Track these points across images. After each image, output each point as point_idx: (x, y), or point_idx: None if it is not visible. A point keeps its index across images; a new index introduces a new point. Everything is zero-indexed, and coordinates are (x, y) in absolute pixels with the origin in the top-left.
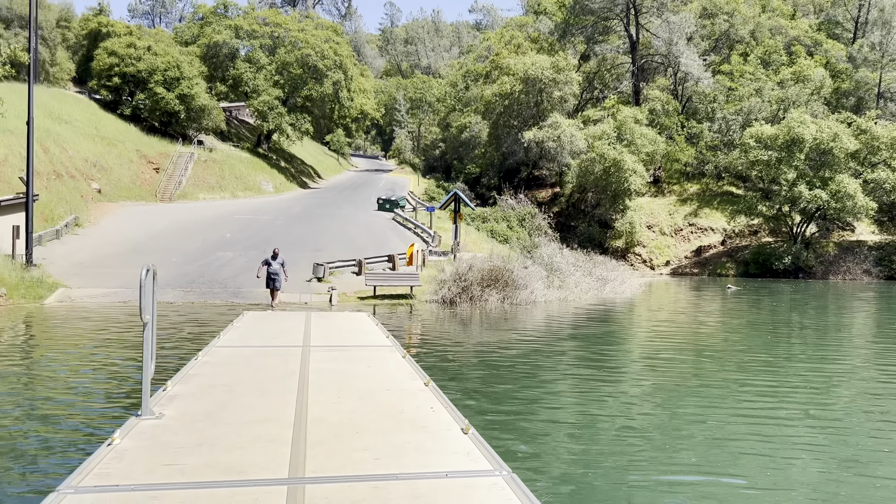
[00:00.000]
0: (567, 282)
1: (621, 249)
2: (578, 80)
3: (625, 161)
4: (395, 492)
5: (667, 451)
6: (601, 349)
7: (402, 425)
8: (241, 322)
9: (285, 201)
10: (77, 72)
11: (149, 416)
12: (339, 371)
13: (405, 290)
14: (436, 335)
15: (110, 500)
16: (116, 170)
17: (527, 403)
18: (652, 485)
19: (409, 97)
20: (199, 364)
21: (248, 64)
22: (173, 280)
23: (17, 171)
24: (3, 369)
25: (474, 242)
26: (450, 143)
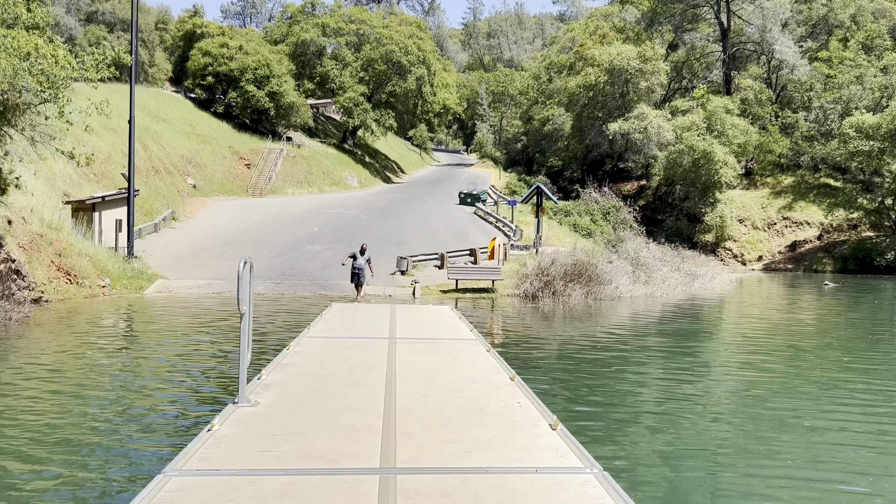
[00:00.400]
0: (654, 277)
1: (711, 244)
2: (666, 69)
3: (715, 152)
4: (485, 485)
5: (760, 451)
6: (689, 345)
7: (490, 419)
8: (329, 314)
9: (370, 196)
10: (174, 72)
11: (245, 403)
12: (425, 363)
13: (487, 284)
14: (518, 329)
15: (212, 483)
16: (210, 166)
17: (612, 399)
18: (744, 485)
19: (491, 91)
20: (291, 354)
21: (334, 61)
22: (264, 272)
23: (119, 168)
24: (109, 356)
25: (557, 236)
26: (532, 136)
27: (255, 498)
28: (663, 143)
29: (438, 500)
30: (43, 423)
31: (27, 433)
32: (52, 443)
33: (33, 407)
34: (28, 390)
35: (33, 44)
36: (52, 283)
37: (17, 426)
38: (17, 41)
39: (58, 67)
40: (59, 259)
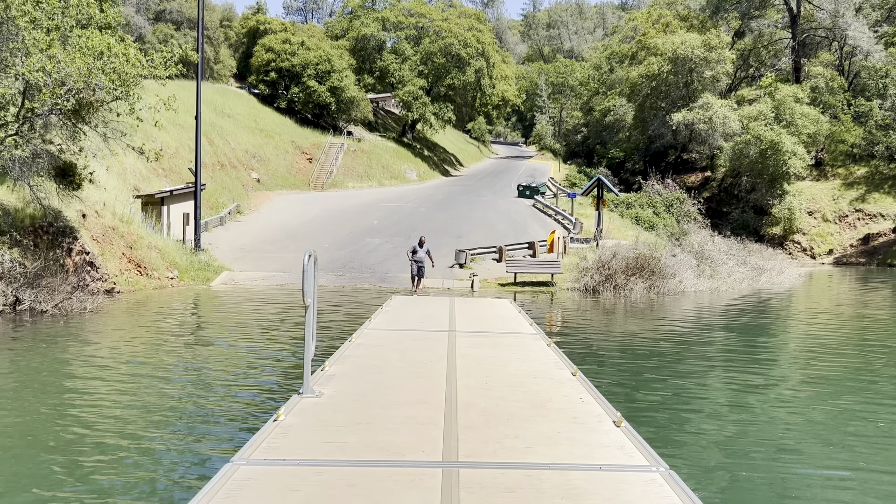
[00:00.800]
0: (719, 271)
1: (778, 237)
2: (732, 58)
3: (783, 143)
4: (548, 481)
5: (829, 449)
6: (756, 340)
7: (552, 415)
8: (389, 306)
9: (428, 189)
10: (238, 68)
11: (310, 394)
12: (485, 357)
13: (546, 278)
14: (579, 324)
15: (279, 472)
16: (273, 160)
17: (676, 396)
18: (813, 484)
19: (550, 82)
20: (353, 346)
21: (393, 55)
22: (325, 265)
23: (186, 163)
24: (178, 346)
25: (618, 229)
26: (592, 127)
27: (321, 488)
28: (729, 133)
29: (501, 495)
30: (117, 410)
31: (102, 420)
32: (125, 430)
33: (107, 395)
34: (102, 379)
35: (106, 43)
36: (124, 275)
37: (94, 412)
38: (90, 41)
39: (129, 66)
40: (129, 251)
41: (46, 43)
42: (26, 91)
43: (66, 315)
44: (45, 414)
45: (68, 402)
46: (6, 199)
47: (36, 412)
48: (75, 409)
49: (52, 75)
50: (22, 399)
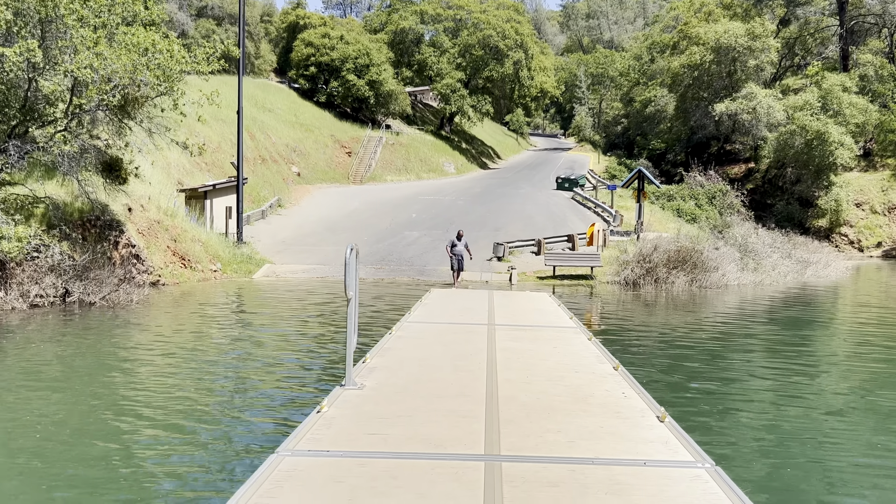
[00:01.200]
0: (763, 264)
1: (825, 229)
2: (777, 46)
3: (830, 133)
4: (592, 476)
5: (874, 444)
6: (801, 334)
7: (594, 409)
8: (428, 299)
9: (466, 182)
10: (278, 62)
11: (352, 386)
12: (525, 350)
13: (585, 271)
14: (620, 318)
15: (322, 464)
16: (313, 154)
17: (721, 391)
18: (858, 478)
19: (589, 73)
20: (394, 338)
21: (432, 48)
22: (364, 258)
23: (228, 157)
24: (222, 338)
25: (659, 222)
26: (633, 118)
27: (365, 479)
28: (773, 123)
29: (545, 490)
30: (163, 400)
31: (150, 409)
32: (171, 419)
33: (154, 386)
34: (149, 369)
35: (150, 40)
36: (168, 267)
37: (142, 402)
38: (136, 37)
39: (172, 61)
40: (174, 244)
41: (93, 40)
42: (74, 88)
43: (114, 307)
44: (95, 403)
45: (117, 391)
46: (56, 194)
47: (85, 401)
48: (123, 398)
49: (98, 72)
50: (72, 388)
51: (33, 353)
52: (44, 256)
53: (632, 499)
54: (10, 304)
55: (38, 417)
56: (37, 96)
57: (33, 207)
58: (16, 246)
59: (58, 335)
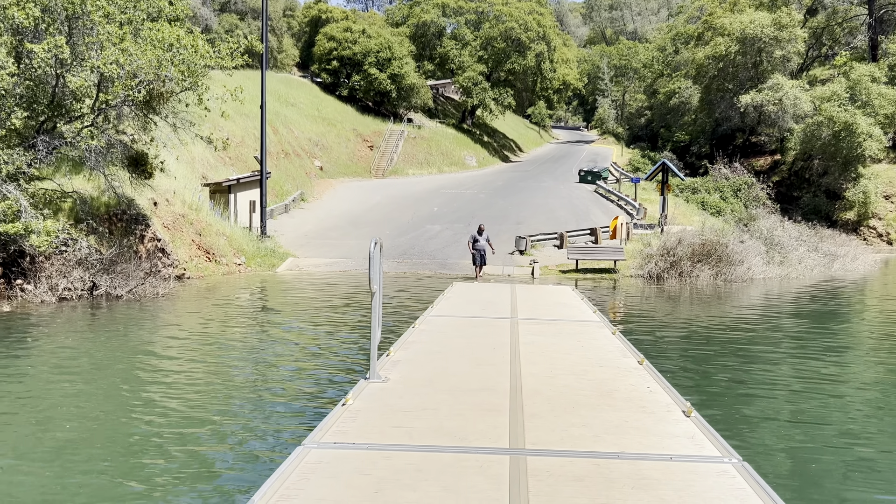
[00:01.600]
0: (789, 257)
1: (852, 222)
2: (804, 36)
3: (858, 124)
4: (617, 471)
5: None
6: (828, 328)
7: (619, 404)
8: (451, 292)
9: (488, 175)
10: (300, 57)
11: (376, 379)
12: (548, 344)
13: (608, 265)
14: (644, 311)
15: (349, 456)
16: (335, 148)
17: (747, 385)
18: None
19: (612, 65)
20: (417, 332)
21: (453, 41)
22: (387, 251)
23: (252, 152)
24: (246, 332)
25: (683, 215)
26: (656, 110)
27: (390, 472)
28: (800, 115)
29: (570, 484)
30: (189, 393)
31: (176, 401)
32: (197, 411)
33: (180, 378)
34: (175, 362)
35: (175, 35)
36: (193, 261)
37: (168, 394)
38: (161, 33)
39: (196, 57)
40: (198, 238)
41: (119, 36)
42: (101, 83)
43: (140, 300)
44: (122, 394)
45: (144, 383)
46: (83, 188)
47: (113, 392)
48: (150, 390)
49: (124, 68)
50: (100, 379)
51: (63, 346)
52: (72, 250)
53: (658, 493)
54: (39, 297)
55: (67, 408)
56: (64, 92)
57: (61, 202)
58: (45, 240)
59: (86, 328)
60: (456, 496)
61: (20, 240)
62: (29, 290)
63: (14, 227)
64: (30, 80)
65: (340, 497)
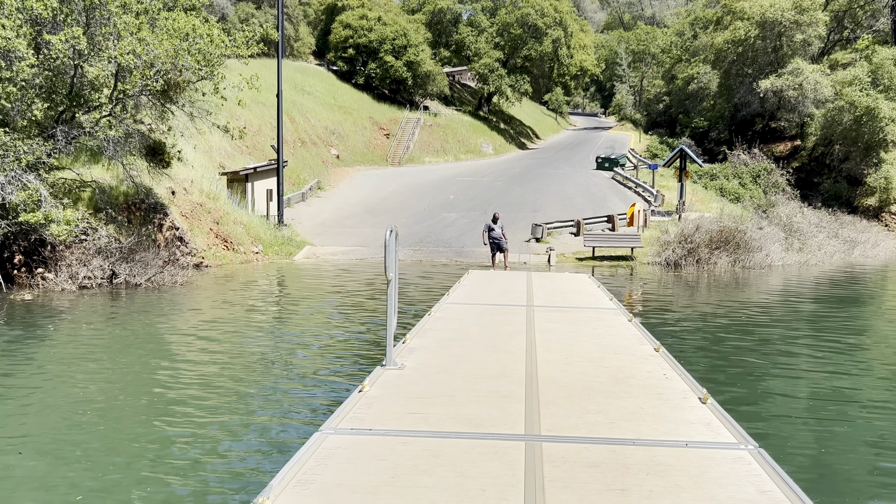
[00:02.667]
0: (808, 244)
1: (874, 208)
2: (825, 20)
3: (880, 108)
4: (633, 457)
5: None
6: (847, 315)
7: (635, 391)
8: (467, 280)
9: (504, 163)
10: (317, 45)
11: (392, 366)
12: (564, 332)
13: (625, 252)
14: (660, 299)
15: (365, 442)
16: (352, 136)
17: (764, 372)
18: None
19: (630, 50)
20: (433, 319)
21: (469, 28)
22: (403, 239)
23: (269, 140)
24: (264, 319)
25: (701, 201)
26: (675, 95)
27: (406, 458)
28: (820, 100)
29: (586, 470)
30: (208, 379)
31: (195, 388)
32: (216, 398)
33: (199, 365)
34: (194, 349)
35: (191, 24)
36: (211, 250)
37: (187, 381)
38: (177, 22)
39: (213, 46)
40: (216, 227)
41: (136, 26)
42: (118, 73)
43: (159, 288)
44: (142, 381)
45: (163, 369)
46: (102, 178)
47: (132, 378)
48: (168, 376)
49: (141, 57)
50: (121, 367)
51: (85, 332)
52: (91, 239)
53: (673, 479)
54: (59, 285)
55: (87, 392)
56: (82, 82)
57: (80, 191)
58: (65, 229)
59: (106, 316)
60: (472, 482)
61: (40, 229)
62: (49, 279)
63: (34, 217)
64: (49, 70)
65: (357, 482)
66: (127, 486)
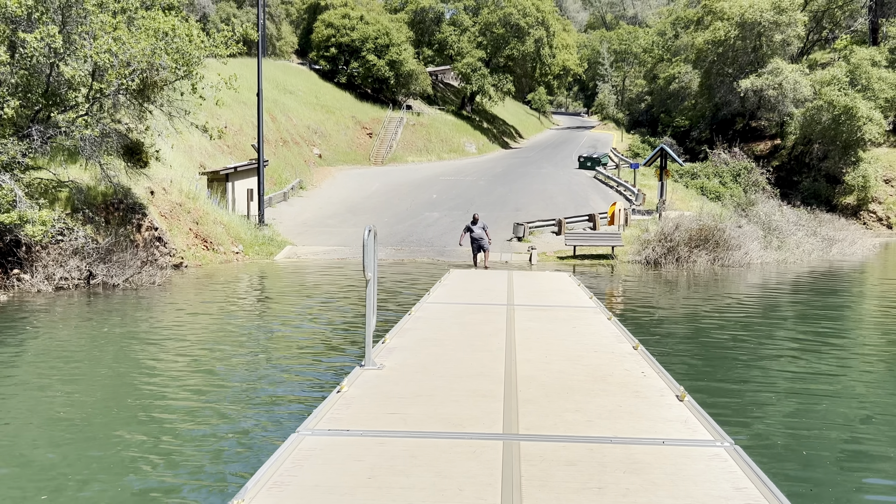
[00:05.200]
0: (787, 242)
1: (852, 207)
2: (804, 20)
3: (858, 108)
4: (610, 455)
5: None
6: (823, 313)
7: (613, 388)
8: (448, 279)
9: (487, 162)
10: (299, 44)
11: (371, 366)
12: (544, 330)
13: (606, 251)
14: (640, 297)
15: (343, 443)
16: (334, 136)
17: (741, 370)
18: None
19: (613, 50)
20: (413, 319)
21: (452, 27)
22: (384, 239)
23: (250, 139)
24: (242, 320)
25: (682, 200)
26: (656, 95)
27: (384, 458)
28: (800, 99)
29: (563, 468)
30: (186, 380)
31: (172, 390)
32: (193, 399)
33: (176, 366)
34: (171, 350)
35: (170, 24)
36: (191, 250)
37: (164, 383)
38: (155, 22)
39: (191, 45)
40: (196, 227)
41: (113, 25)
42: (95, 73)
43: (137, 288)
44: (118, 382)
45: (139, 371)
46: (79, 178)
47: (109, 381)
48: (145, 378)
49: (118, 56)
50: (97, 369)
51: (60, 334)
52: (68, 240)
53: (650, 477)
54: (36, 286)
55: (62, 395)
56: (59, 81)
57: (57, 191)
58: (40, 229)
59: (82, 317)
60: (449, 481)
61: (16, 229)
62: (25, 280)
63: (9, 217)
64: (24, 69)
65: (334, 483)
66: (102, 488)
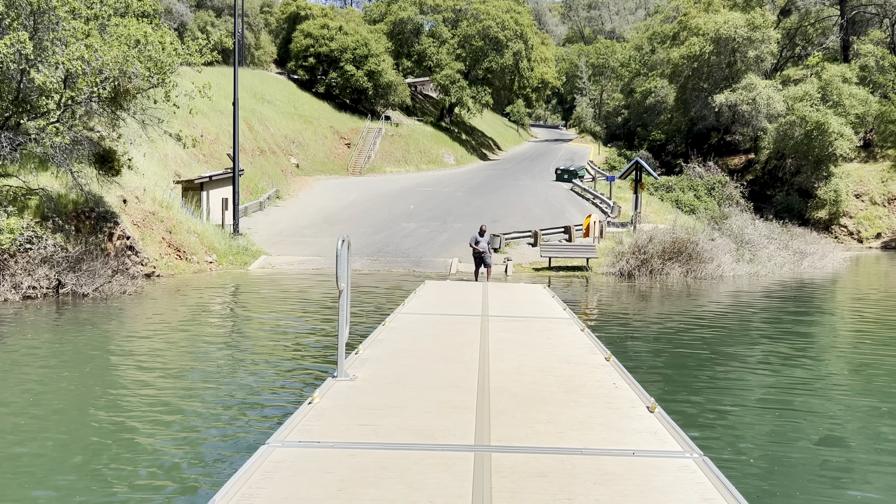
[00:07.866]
0: (759, 255)
1: (824, 221)
2: (777, 37)
3: (829, 123)
4: (580, 466)
5: (871, 434)
6: (794, 328)
7: (585, 400)
8: (423, 290)
9: (466, 173)
10: (278, 54)
11: (344, 377)
12: (518, 342)
13: (581, 262)
14: (614, 309)
15: (313, 455)
16: (312, 145)
17: (712, 382)
18: (853, 469)
19: (591, 63)
20: (387, 330)
21: (431, 39)
22: (361, 249)
23: (226, 148)
24: (214, 330)
25: (657, 213)
26: (633, 109)
27: (354, 470)
28: (773, 114)
29: (533, 480)
30: (155, 392)
31: (141, 401)
32: (163, 411)
33: (146, 377)
34: (140, 361)
35: (143, 31)
36: (163, 259)
37: (133, 394)
38: (127, 29)
39: (164, 53)
40: (169, 236)
41: (85, 32)
42: (67, 80)
43: (107, 298)
44: (85, 394)
45: (108, 382)
46: (50, 186)
47: (76, 392)
48: (114, 390)
49: (90, 63)
50: (65, 379)
51: (26, 344)
52: (37, 248)
53: (619, 488)
54: (2, 295)
55: (27, 406)
56: (29, 88)
57: (27, 199)
58: (8, 237)
59: (50, 327)
60: (420, 493)
61: None
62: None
63: None
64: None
65: (303, 496)
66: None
